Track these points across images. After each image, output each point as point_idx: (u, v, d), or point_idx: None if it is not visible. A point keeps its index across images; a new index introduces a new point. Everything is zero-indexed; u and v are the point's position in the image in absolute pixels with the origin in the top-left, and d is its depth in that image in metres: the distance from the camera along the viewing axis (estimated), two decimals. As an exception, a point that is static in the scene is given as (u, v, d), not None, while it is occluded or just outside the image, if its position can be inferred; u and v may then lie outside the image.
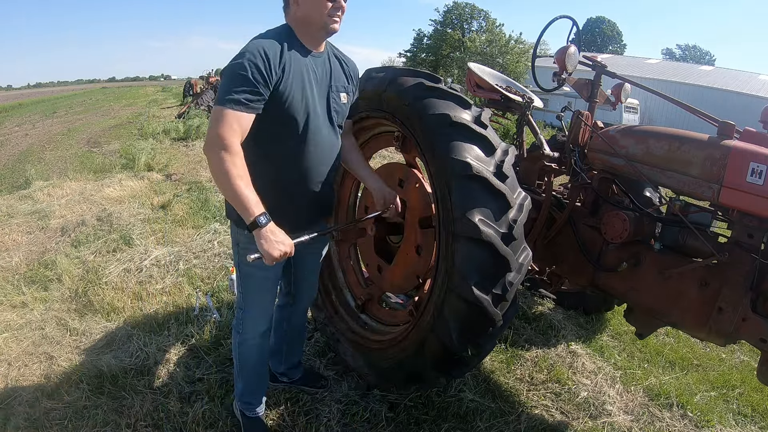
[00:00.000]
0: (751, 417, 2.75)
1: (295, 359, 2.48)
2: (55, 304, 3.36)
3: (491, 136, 1.97)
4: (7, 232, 4.80)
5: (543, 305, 3.73)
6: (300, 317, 2.38)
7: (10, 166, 8.91)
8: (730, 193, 1.98)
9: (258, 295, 1.97)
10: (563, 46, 2.79)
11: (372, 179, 2.13)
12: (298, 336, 2.44)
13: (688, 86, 24.10)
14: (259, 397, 2.19)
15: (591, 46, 56.32)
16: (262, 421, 2.19)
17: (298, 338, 2.45)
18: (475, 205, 1.82)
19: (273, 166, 1.77)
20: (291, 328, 2.36)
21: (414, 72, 2.14)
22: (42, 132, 14.00)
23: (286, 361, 2.45)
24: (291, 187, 1.82)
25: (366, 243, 2.68)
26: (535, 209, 2.73)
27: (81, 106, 24.39)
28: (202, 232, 4.69)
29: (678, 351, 3.34)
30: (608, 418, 2.55)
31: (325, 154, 1.87)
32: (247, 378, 2.12)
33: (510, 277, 1.87)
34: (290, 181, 1.82)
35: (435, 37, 38.19)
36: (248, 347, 2.05)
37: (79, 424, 2.22)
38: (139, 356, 2.69)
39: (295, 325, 2.37)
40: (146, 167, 7.76)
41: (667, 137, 2.24)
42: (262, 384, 2.20)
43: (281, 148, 1.77)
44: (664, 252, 2.33)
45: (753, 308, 2.00)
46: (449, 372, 2.11)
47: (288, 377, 2.50)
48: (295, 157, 1.79)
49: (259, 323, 2.01)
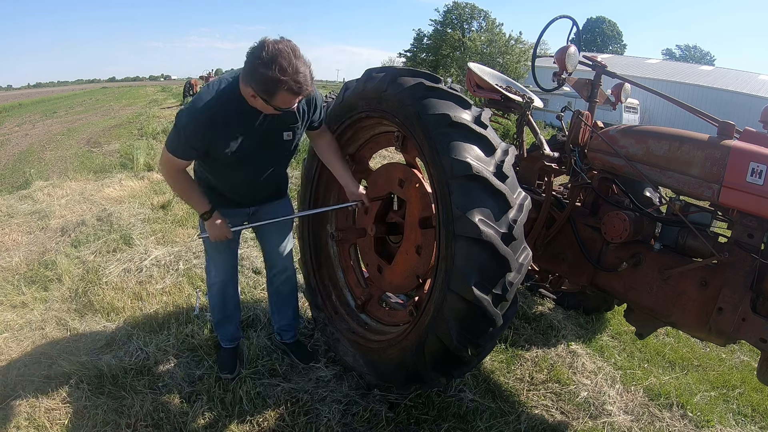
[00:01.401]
0: (751, 417, 2.75)
1: (284, 322, 2.78)
2: (55, 304, 3.36)
3: (491, 136, 1.97)
4: (7, 232, 4.80)
5: (543, 305, 3.73)
6: (280, 283, 2.71)
7: (10, 166, 8.91)
8: (730, 193, 1.98)
9: (212, 251, 2.54)
10: (563, 46, 2.79)
11: (343, 175, 2.47)
12: (285, 300, 2.76)
13: (688, 86, 24.12)
14: (225, 332, 2.68)
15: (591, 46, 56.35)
16: (230, 352, 2.69)
17: (285, 302, 2.77)
18: (475, 205, 1.82)
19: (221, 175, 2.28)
20: (273, 290, 2.75)
21: (414, 72, 2.14)
22: (42, 132, 14.00)
23: (277, 321, 2.80)
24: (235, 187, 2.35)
25: (366, 243, 2.69)
26: (535, 209, 2.73)
27: (81, 106, 24.40)
28: (202, 232, 4.69)
29: (678, 351, 3.34)
30: (608, 418, 2.55)
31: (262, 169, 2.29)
32: (215, 315, 2.67)
33: (510, 277, 1.87)
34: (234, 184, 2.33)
35: (435, 37, 38.19)
36: (213, 290, 2.60)
37: (79, 424, 2.22)
38: (139, 356, 2.69)
39: (277, 288, 2.73)
40: (146, 167, 7.76)
41: (667, 137, 2.24)
42: (227, 323, 2.67)
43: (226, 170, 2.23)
44: (664, 252, 2.33)
45: (753, 308, 2.00)
46: (449, 372, 2.11)
47: (281, 337, 2.83)
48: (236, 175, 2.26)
49: (218, 271, 2.57)
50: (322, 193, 2.91)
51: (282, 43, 1.83)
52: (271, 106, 1.92)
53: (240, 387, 2.46)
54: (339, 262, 2.97)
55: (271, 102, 1.90)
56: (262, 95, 1.88)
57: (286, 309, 2.77)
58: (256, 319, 3.11)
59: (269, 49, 1.80)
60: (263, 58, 1.80)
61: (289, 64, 1.80)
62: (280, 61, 1.79)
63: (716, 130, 2.17)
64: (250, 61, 1.85)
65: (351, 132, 2.58)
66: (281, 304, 2.77)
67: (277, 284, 2.72)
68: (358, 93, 2.38)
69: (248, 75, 1.87)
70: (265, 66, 1.79)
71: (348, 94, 2.46)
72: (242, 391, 2.43)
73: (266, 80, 1.82)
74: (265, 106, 1.95)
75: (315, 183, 2.86)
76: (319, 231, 2.98)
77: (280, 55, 1.79)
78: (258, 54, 1.81)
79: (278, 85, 1.82)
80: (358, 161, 2.74)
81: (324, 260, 2.98)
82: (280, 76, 1.80)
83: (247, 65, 1.87)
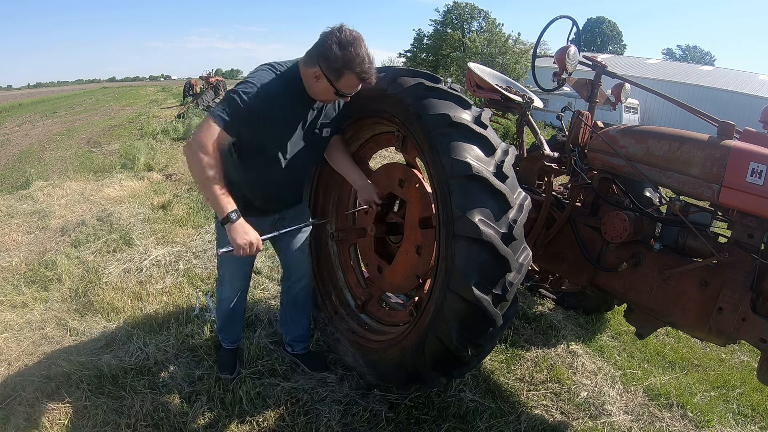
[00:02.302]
0: (751, 417, 2.75)
1: (298, 332, 2.70)
2: (55, 304, 3.36)
3: (491, 136, 1.97)
4: (7, 232, 4.80)
5: (543, 305, 3.73)
6: (298, 291, 2.61)
7: (10, 166, 8.91)
8: (730, 193, 1.98)
9: (228, 267, 2.43)
10: (563, 46, 2.79)
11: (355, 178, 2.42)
12: (300, 310, 2.67)
13: (688, 86, 24.09)
14: (229, 335, 2.64)
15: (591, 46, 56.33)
16: (230, 353, 2.66)
17: (300, 312, 2.67)
18: (475, 205, 1.82)
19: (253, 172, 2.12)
20: (289, 299, 2.65)
21: (414, 72, 2.14)
22: (42, 132, 14.00)
23: (290, 332, 2.71)
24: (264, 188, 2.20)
25: (366, 243, 2.69)
26: (535, 209, 2.73)
27: (81, 106, 24.38)
28: (202, 232, 4.70)
29: (678, 351, 3.34)
30: (608, 418, 2.55)
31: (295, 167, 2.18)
32: (222, 320, 2.62)
33: (510, 277, 1.87)
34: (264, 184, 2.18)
35: (435, 37, 38.15)
36: (223, 305, 2.52)
37: (79, 424, 2.22)
38: (139, 356, 2.69)
39: (293, 298, 2.63)
40: (146, 167, 7.75)
41: (667, 137, 2.24)
42: (233, 327, 2.64)
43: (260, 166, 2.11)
44: (664, 252, 2.33)
45: (753, 308, 2.00)
46: (449, 372, 2.11)
47: (292, 348, 2.74)
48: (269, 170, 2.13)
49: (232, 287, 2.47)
50: (322, 194, 2.90)
51: (357, 32, 1.91)
52: (334, 87, 1.95)
53: (240, 387, 2.46)
54: (339, 262, 2.97)
55: (335, 83, 1.94)
56: (331, 74, 1.92)
57: (300, 318, 2.68)
58: (256, 319, 3.11)
59: (346, 32, 1.88)
60: (341, 39, 1.87)
61: (363, 50, 1.90)
62: (356, 45, 1.88)
63: (716, 130, 2.17)
64: (325, 40, 1.89)
65: (351, 132, 2.58)
66: (296, 313, 2.67)
67: (295, 292, 2.61)
68: (358, 93, 2.37)
69: (319, 54, 1.91)
70: (341, 47, 1.86)
71: (348, 94, 2.45)
72: (242, 391, 2.43)
73: (340, 59, 1.87)
74: (326, 88, 1.97)
75: (315, 184, 2.86)
76: (319, 231, 2.98)
77: (356, 41, 1.88)
78: (335, 34, 1.88)
79: (350, 66, 1.89)
80: (358, 161, 2.73)
81: (324, 260, 2.98)
82: (354, 59, 1.88)
83: (319, 45, 1.91)
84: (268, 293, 3.56)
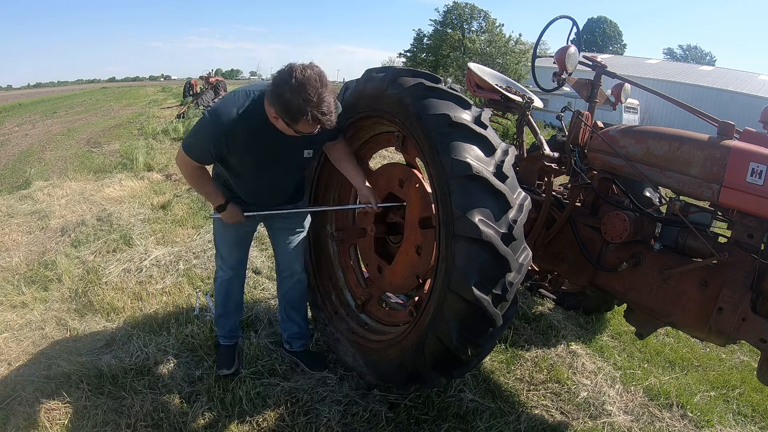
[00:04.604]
0: (751, 417, 2.75)
1: (293, 329, 2.73)
2: (55, 304, 3.36)
3: (491, 136, 1.97)
4: (7, 232, 4.80)
5: (543, 305, 3.73)
6: (288, 289, 2.67)
7: (10, 166, 8.91)
8: (730, 193, 1.98)
9: (221, 246, 2.57)
10: (563, 46, 2.79)
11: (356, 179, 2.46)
12: (295, 306, 2.71)
13: (689, 86, 24.11)
14: (223, 328, 2.69)
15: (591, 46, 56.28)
16: (228, 349, 2.68)
17: (295, 308, 2.71)
18: (475, 205, 1.82)
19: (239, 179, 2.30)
20: (283, 295, 2.70)
21: (414, 72, 2.14)
22: (42, 132, 13.99)
23: (286, 329, 2.74)
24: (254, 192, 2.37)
25: (366, 243, 2.68)
26: (535, 209, 2.73)
27: (81, 106, 24.39)
28: (202, 232, 4.70)
29: (678, 351, 3.34)
30: (608, 418, 2.55)
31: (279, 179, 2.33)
32: (217, 309, 2.69)
33: (510, 277, 1.87)
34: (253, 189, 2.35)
35: (435, 37, 38.21)
36: (219, 282, 2.62)
37: (79, 424, 2.22)
38: (139, 356, 2.69)
39: (287, 294, 2.68)
40: (146, 167, 7.75)
41: (667, 137, 2.24)
42: (226, 319, 2.68)
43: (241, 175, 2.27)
44: (664, 252, 2.33)
45: (753, 308, 2.00)
46: (449, 372, 2.11)
47: (290, 345, 2.75)
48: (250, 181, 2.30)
49: (224, 265, 2.59)
50: (322, 193, 2.91)
51: (310, 69, 1.82)
52: (293, 129, 1.93)
53: (240, 387, 2.46)
54: (339, 262, 2.97)
55: (293, 126, 1.91)
56: (285, 119, 1.89)
57: (294, 315, 2.71)
58: (256, 319, 3.11)
59: (297, 75, 1.79)
60: (290, 84, 1.79)
61: (315, 92, 1.80)
62: (307, 89, 1.79)
63: (716, 130, 2.17)
64: (277, 84, 1.84)
65: (351, 132, 2.58)
66: (290, 309, 2.70)
67: (286, 288, 2.67)
68: (358, 93, 2.38)
69: (273, 97, 1.88)
70: (291, 92, 1.80)
71: (348, 94, 2.46)
72: (242, 391, 2.43)
73: (291, 106, 1.83)
74: (287, 128, 1.96)
75: (315, 184, 2.86)
76: (319, 231, 2.98)
77: (308, 83, 1.79)
78: (285, 79, 1.81)
79: (302, 113, 1.82)
80: (358, 161, 2.74)
81: (324, 260, 2.98)
82: (306, 105, 1.80)
83: (273, 88, 1.86)
84: (268, 293, 3.56)
